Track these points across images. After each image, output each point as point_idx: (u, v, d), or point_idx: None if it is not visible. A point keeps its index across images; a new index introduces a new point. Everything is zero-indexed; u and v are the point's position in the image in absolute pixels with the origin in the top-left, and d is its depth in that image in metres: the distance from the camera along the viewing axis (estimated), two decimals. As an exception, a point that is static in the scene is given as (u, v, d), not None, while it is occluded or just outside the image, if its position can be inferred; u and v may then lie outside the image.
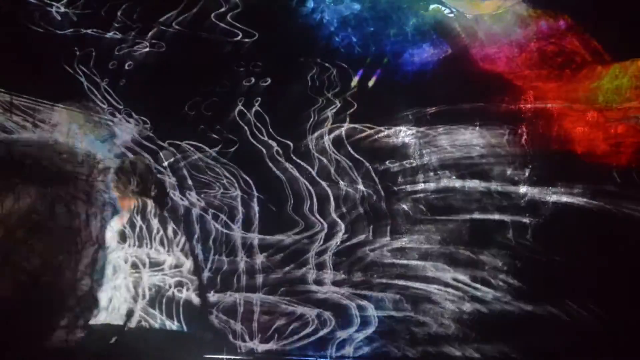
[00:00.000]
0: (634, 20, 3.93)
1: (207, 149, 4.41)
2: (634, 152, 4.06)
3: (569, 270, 3.92)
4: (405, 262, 4.19)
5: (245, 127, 4.40)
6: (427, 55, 4.38)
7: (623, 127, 4.13)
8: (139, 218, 2.90)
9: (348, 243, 4.25)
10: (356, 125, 4.36)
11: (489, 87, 4.29)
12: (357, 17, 4.40)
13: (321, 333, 4.18)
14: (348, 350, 4.15)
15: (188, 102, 4.36)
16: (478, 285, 4.09)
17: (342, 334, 4.17)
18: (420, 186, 4.26)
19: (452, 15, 4.37)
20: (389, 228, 4.24)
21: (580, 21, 4.17)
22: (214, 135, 4.40)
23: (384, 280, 4.18)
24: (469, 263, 4.12)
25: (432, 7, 4.39)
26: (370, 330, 4.14)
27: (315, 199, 4.32)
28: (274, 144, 4.39)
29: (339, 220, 4.28)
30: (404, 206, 4.26)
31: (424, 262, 4.17)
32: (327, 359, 4.15)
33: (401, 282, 4.17)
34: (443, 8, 4.38)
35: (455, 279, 4.12)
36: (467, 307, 4.08)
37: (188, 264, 2.87)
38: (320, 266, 4.25)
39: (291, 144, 4.38)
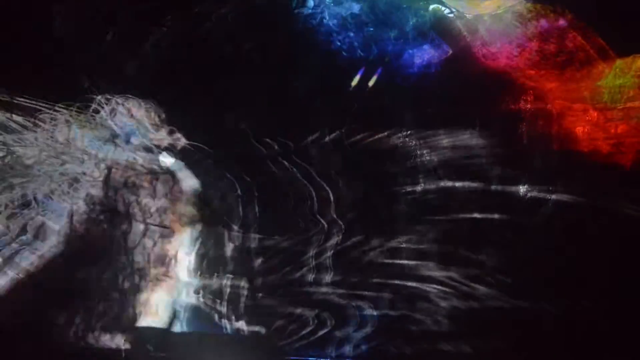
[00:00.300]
0: (637, 14, 3.93)
1: (206, 148, 4.42)
2: (635, 152, 4.05)
3: (568, 270, 3.91)
4: (404, 262, 4.18)
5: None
6: (427, 55, 4.38)
7: (624, 127, 4.12)
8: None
9: (347, 243, 4.24)
10: (356, 126, 4.34)
11: (490, 87, 4.29)
12: (357, 17, 4.41)
13: (320, 333, 4.17)
14: (347, 350, 4.14)
15: (187, 103, 4.38)
16: (477, 285, 4.08)
17: (340, 334, 4.16)
18: (420, 186, 4.25)
19: (452, 15, 4.37)
20: (388, 228, 4.23)
21: (583, 17, 4.16)
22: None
23: (382, 280, 4.17)
24: (468, 263, 4.11)
25: (432, 7, 4.39)
26: (368, 330, 4.13)
27: (315, 199, 4.32)
28: (274, 144, 4.39)
29: (338, 221, 4.27)
30: (404, 206, 4.25)
31: (423, 262, 4.16)
32: (327, 359, 4.14)
33: (399, 282, 4.16)
34: (443, 8, 4.38)
35: (454, 279, 4.11)
36: (466, 306, 4.07)
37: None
38: (319, 267, 4.24)
39: (291, 144, 4.38)
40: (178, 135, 4.41)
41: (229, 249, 4.29)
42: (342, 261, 4.21)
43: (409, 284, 4.15)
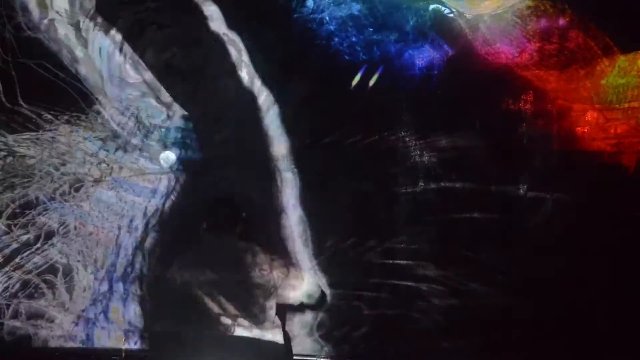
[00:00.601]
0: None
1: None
2: (635, 152, 4.03)
3: (568, 270, 3.89)
4: (403, 262, 4.18)
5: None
6: (427, 56, 4.37)
7: (624, 127, 4.10)
8: None
9: (346, 243, 4.23)
10: (356, 125, 4.34)
11: (490, 87, 4.27)
12: (357, 17, 4.40)
13: (318, 333, 4.17)
14: (345, 350, 4.14)
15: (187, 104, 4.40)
16: (476, 285, 4.07)
17: (338, 334, 4.16)
18: (419, 187, 4.24)
19: (451, 15, 4.36)
20: (387, 228, 4.22)
21: (584, 12, 4.14)
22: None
23: (381, 280, 4.16)
24: (467, 262, 4.10)
25: (432, 7, 4.38)
26: (367, 329, 4.13)
27: (314, 200, 4.31)
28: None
29: (337, 221, 4.26)
30: (403, 206, 4.24)
31: (422, 262, 4.15)
32: (326, 359, 4.15)
33: (397, 282, 4.15)
34: (443, 8, 4.37)
35: (453, 279, 4.11)
36: (466, 305, 4.05)
37: None
38: (317, 267, 4.23)
39: (291, 144, 4.38)
40: (179, 136, 4.43)
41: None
42: (339, 262, 4.20)
43: (408, 283, 4.15)
